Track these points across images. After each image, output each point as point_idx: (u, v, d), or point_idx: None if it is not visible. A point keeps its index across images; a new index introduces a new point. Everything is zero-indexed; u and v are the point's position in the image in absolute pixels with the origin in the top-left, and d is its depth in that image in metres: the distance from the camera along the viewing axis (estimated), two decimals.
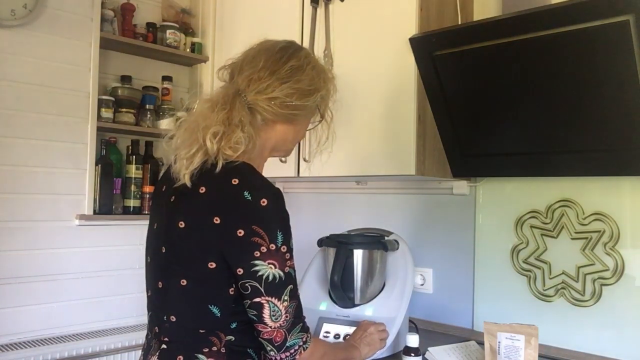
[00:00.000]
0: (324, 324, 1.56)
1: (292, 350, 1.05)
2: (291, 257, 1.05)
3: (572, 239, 1.64)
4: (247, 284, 1.02)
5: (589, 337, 1.60)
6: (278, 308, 1.02)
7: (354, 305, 1.57)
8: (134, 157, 2.31)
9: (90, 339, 2.08)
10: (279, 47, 1.16)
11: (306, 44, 1.93)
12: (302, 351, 1.06)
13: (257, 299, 1.02)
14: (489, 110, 1.54)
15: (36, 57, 2.04)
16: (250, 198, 1.01)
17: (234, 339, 1.07)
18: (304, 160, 1.92)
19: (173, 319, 1.08)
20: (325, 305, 1.60)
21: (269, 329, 1.03)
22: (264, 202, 1.02)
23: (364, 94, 1.77)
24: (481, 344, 1.47)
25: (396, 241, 1.66)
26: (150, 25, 2.42)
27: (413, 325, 1.77)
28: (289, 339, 1.04)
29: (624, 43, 1.23)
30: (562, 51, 1.33)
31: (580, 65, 1.33)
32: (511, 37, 1.37)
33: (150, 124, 2.36)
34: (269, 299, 1.02)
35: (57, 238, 2.10)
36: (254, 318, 1.03)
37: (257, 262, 1.01)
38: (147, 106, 2.35)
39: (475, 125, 1.59)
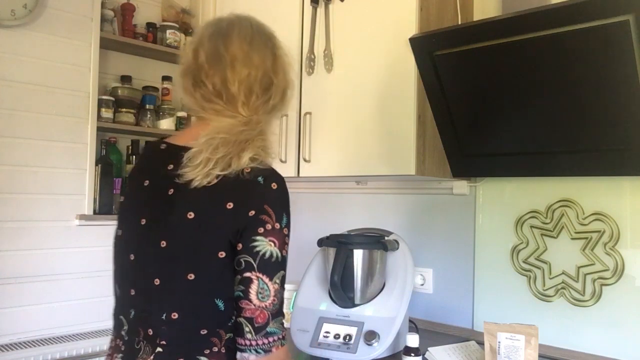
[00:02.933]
0: (324, 324, 1.56)
1: (270, 339, 1.00)
2: (288, 244, 1.06)
3: (572, 239, 1.64)
4: (242, 259, 1.01)
5: (589, 337, 1.60)
6: (267, 287, 1.00)
7: (354, 305, 1.57)
8: (134, 157, 2.32)
9: (90, 339, 2.08)
10: None
11: (306, 44, 1.94)
12: (280, 346, 1.01)
13: (248, 274, 1.00)
14: (489, 110, 1.54)
15: (36, 57, 2.04)
16: (262, 181, 1.04)
17: (232, 336, 1.05)
18: (304, 160, 1.92)
19: (175, 316, 1.02)
20: (325, 305, 1.60)
21: (253, 307, 0.99)
22: (274, 185, 1.06)
23: (364, 94, 1.77)
24: (481, 344, 1.47)
25: (396, 241, 1.66)
26: (150, 25, 2.42)
27: (413, 325, 1.77)
28: (270, 324, 1.00)
29: (624, 43, 1.23)
30: (562, 51, 1.33)
31: (580, 65, 1.33)
32: (511, 37, 1.38)
33: (150, 124, 2.36)
34: (260, 275, 1.00)
35: (57, 238, 2.10)
36: (240, 294, 1.00)
37: (258, 237, 1.01)
38: (147, 106, 2.35)
39: (475, 125, 1.59)
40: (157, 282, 1.05)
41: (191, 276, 1.02)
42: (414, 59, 1.59)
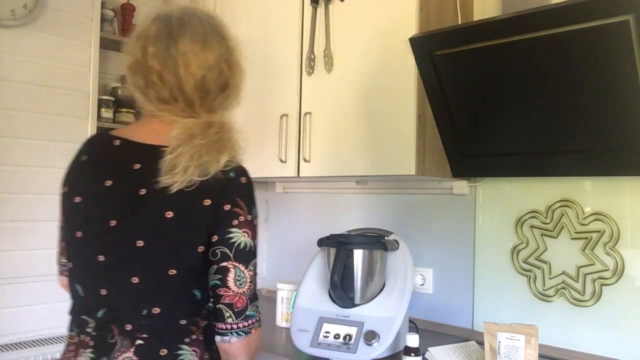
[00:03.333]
0: (324, 324, 1.56)
1: (250, 322, 1.06)
2: (257, 233, 1.11)
3: (572, 239, 1.64)
4: (217, 250, 1.05)
5: (589, 337, 1.60)
6: (244, 274, 1.06)
7: (354, 305, 1.57)
8: None
9: None
10: None
11: (306, 44, 1.94)
12: (258, 327, 1.08)
13: (225, 263, 1.05)
14: (489, 110, 1.54)
15: (36, 57, 2.04)
16: (234, 177, 1.09)
17: (208, 323, 1.10)
18: (304, 160, 1.92)
19: (156, 310, 1.05)
20: (325, 305, 1.60)
21: (231, 294, 1.05)
22: (244, 179, 1.11)
23: (364, 93, 1.77)
24: (481, 344, 1.47)
25: (396, 241, 1.67)
26: None
27: (413, 325, 1.77)
28: (249, 308, 1.06)
29: (624, 43, 1.23)
30: (562, 51, 1.33)
31: (580, 65, 1.33)
32: (511, 37, 1.38)
33: None
34: (236, 264, 1.06)
35: (57, 238, 2.10)
36: (218, 282, 1.05)
37: (233, 229, 1.06)
38: None
39: (475, 125, 1.59)
40: (135, 280, 1.06)
41: (172, 272, 1.05)
42: (414, 59, 1.59)
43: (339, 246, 1.58)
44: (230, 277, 1.05)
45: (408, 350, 1.40)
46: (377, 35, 1.74)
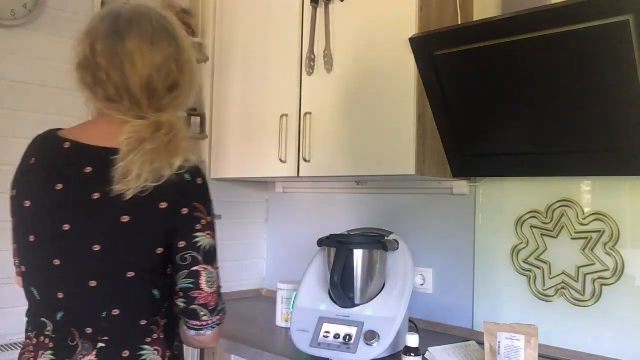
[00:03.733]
0: (324, 324, 1.56)
1: (222, 314, 1.13)
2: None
3: (572, 239, 1.64)
4: (186, 255, 1.07)
5: (589, 337, 1.60)
6: (213, 275, 1.10)
7: (354, 305, 1.57)
8: None
9: None
10: None
11: (306, 44, 1.94)
12: (224, 315, 1.15)
13: (195, 268, 1.08)
14: (489, 110, 1.54)
15: (36, 57, 2.04)
16: (190, 179, 1.09)
17: (167, 321, 1.12)
18: (304, 160, 1.92)
19: (116, 312, 1.05)
20: (325, 305, 1.60)
21: (205, 294, 1.09)
22: (199, 180, 1.11)
23: (364, 93, 1.77)
24: (481, 344, 1.47)
25: (396, 241, 1.67)
26: None
27: (413, 325, 1.77)
28: (219, 303, 1.12)
29: (624, 43, 1.23)
30: (562, 51, 1.33)
31: (580, 65, 1.33)
32: (511, 37, 1.38)
33: None
34: (206, 266, 1.09)
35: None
36: (190, 286, 1.08)
37: (197, 234, 1.08)
38: None
39: (475, 125, 1.59)
40: (93, 284, 1.05)
41: (131, 274, 1.05)
42: (414, 59, 1.59)
43: (339, 246, 1.58)
44: (203, 280, 1.08)
45: (408, 350, 1.40)
46: (377, 35, 1.74)
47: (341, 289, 1.55)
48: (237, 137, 2.22)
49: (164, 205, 1.05)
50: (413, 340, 1.41)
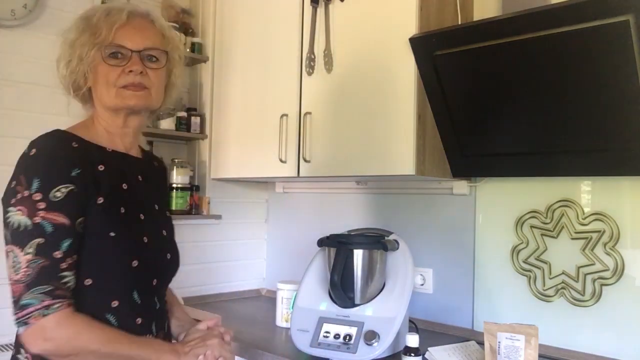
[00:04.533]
0: (324, 324, 1.56)
1: (25, 311, 0.94)
2: (49, 209, 0.98)
3: (572, 239, 1.64)
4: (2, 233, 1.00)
5: (589, 337, 1.60)
6: (19, 259, 0.96)
7: (354, 305, 1.57)
8: None
9: None
10: None
11: (306, 44, 1.94)
12: (41, 316, 0.95)
13: (5, 248, 0.99)
14: (489, 110, 1.54)
15: (36, 57, 2.04)
16: (26, 150, 1.05)
17: None
18: (304, 160, 1.92)
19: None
20: (325, 305, 1.60)
21: (10, 282, 0.97)
22: (33, 151, 1.04)
23: (364, 93, 1.77)
24: (481, 344, 1.47)
25: (396, 241, 1.67)
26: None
27: (413, 325, 1.77)
28: (24, 296, 0.95)
29: (624, 43, 1.23)
30: (562, 51, 1.33)
31: (580, 65, 1.33)
32: (511, 37, 1.38)
33: (150, 124, 2.36)
34: (13, 247, 0.97)
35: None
36: None
37: (10, 208, 0.99)
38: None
39: (475, 125, 1.59)
40: None
41: None
42: (414, 59, 1.59)
43: (339, 246, 1.58)
44: (9, 264, 0.98)
45: (408, 350, 1.40)
46: (377, 35, 1.74)
47: (341, 289, 1.55)
48: (237, 137, 2.22)
49: (12, 183, 1.03)
50: (413, 340, 1.41)
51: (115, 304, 1.06)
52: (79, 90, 1.18)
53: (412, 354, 1.40)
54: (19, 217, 0.98)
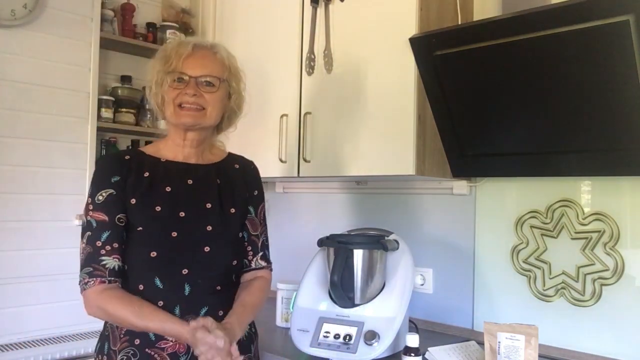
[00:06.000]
0: (324, 324, 1.56)
1: (80, 283, 1.29)
2: (95, 210, 1.30)
3: (572, 239, 1.64)
4: None
5: (589, 337, 1.60)
6: (80, 246, 1.31)
7: (354, 305, 1.57)
8: None
9: (90, 338, 2.08)
10: None
11: (306, 44, 1.94)
12: (83, 290, 1.28)
13: None
14: (488, 110, 1.54)
15: (36, 57, 2.04)
16: None
17: None
18: (304, 160, 1.92)
19: None
20: (325, 305, 1.60)
21: None
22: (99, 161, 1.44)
23: (364, 94, 1.77)
24: (481, 344, 1.47)
25: (396, 241, 1.66)
26: (150, 25, 2.42)
27: (413, 325, 1.77)
28: (80, 273, 1.29)
29: (624, 43, 1.23)
30: (562, 51, 1.33)
31: (580, 65, 1.33)
32: (511, 37, 1.38)
33: (150, 124, 2.36)
34: (80, 238, 1.31)
35: (57, 238, 2.10)
36: None
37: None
38: (147, 106, 2.35)
39: (475, 125, 1.59)
40: None
41: None
42: (414, 59, 1.58)
43: (339, 246, 1.58)
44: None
45: (408, 350, 1.40)
46: (377, 35, 1.74)
47: (341, 289, 1.55)
48: (237, 137, 2.21)
49: None
50: (413, 340, 1.41)
51: (141, 287, 1.30)
52: (161, 111, 1.39)
53: (412, 354, 1.40)
54: (83, 216, 1.33)
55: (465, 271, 1.86)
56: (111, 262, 1.28)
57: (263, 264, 1.48)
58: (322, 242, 1.65)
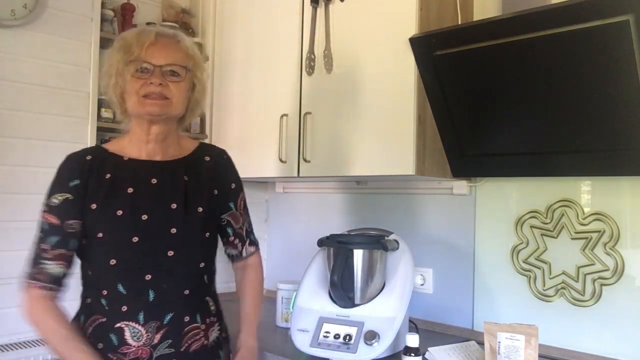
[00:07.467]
0: (324, 324, 1.56)
1: (21, 282, 1.29)
2: (48, 212, 1.28)
3: (572, 239, 1.64)
4: None
5: (589, 337, 1.60)
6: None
7: (354, 305, 1.57)
8: None
9: None
10: None
11: (306, 44, 1.94)
12: (23, 289, 1.30)
13: None
14: (489, 110, 1.54)
15: (36, 57, 2.04)
16: None
17: None
18: (304, 160, 1.92)
19: None
20: (325, 305, 1.60)
21: None
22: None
23: (364, 94, 1.77)
24: (481, 344, 1.47)
25: (396, 241, 1.66)
26: (150, 25, 2.41)
27: (413, 325, 1.77)
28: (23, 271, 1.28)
29: (624, 43, 1.23)
30: (562, 51, 1.33)
31: (580, 65, 1.33)
32: (511, 37, 1.38)
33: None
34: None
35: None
36: None
37: None
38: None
39: (475, 125, 1.59)
40: None
41: None
42: (414, 59, 1.59)
43: (339, 246, 1.58)
44: None
45: (408, 350, 1.40)
46: (377, 35, 1.74)
47: (341, 289, 1.55)
48: (237, 137, 2.22)
49: None
50: (413, 340, 1.41)
51: (105, 292, 1.27)
52: (121, 104, 1.32)
53: (412, 354, 1.39)
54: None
55: (465, 271, 1.86)
56: (54, 267, 1.25)
57: (252, 250, 1.48)
58: (322, 242, 1.65)
